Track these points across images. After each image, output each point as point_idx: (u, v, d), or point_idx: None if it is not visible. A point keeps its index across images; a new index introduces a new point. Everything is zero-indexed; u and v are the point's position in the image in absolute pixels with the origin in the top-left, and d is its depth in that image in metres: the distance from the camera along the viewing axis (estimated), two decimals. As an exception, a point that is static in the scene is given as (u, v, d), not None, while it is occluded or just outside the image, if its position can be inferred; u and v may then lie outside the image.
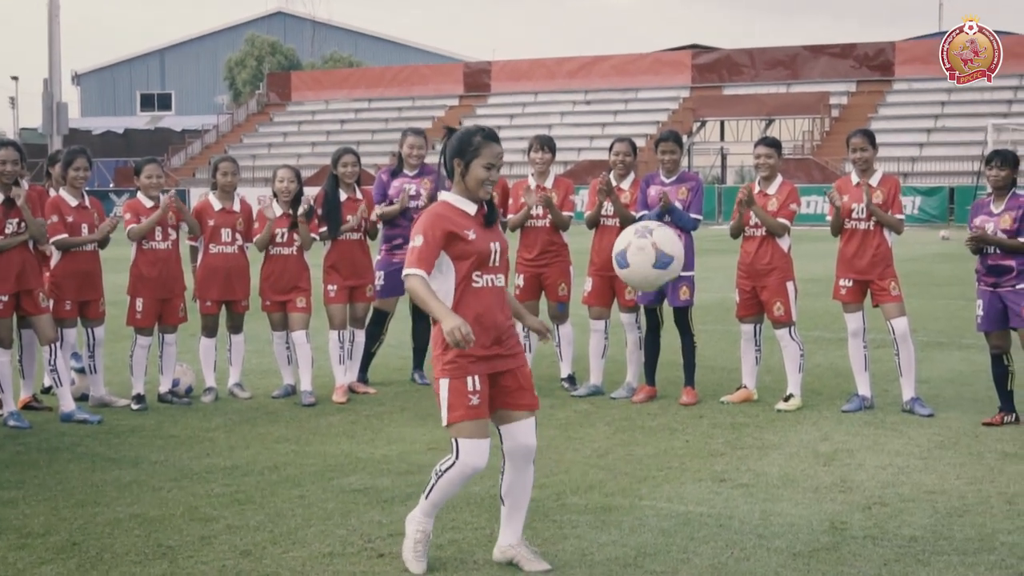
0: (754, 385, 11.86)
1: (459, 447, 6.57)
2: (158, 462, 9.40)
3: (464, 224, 6.63)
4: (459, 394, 6.54)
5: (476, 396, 6.54)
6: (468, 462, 6.57)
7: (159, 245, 11.65)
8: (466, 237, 6.59)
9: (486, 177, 6.67)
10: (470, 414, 6.53)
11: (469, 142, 6.68)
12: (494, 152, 6.69)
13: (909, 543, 7.21)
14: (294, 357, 12.20)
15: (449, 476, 6.64)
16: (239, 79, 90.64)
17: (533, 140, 12.38)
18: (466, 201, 6.72)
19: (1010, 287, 10.37)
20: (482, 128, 6.77)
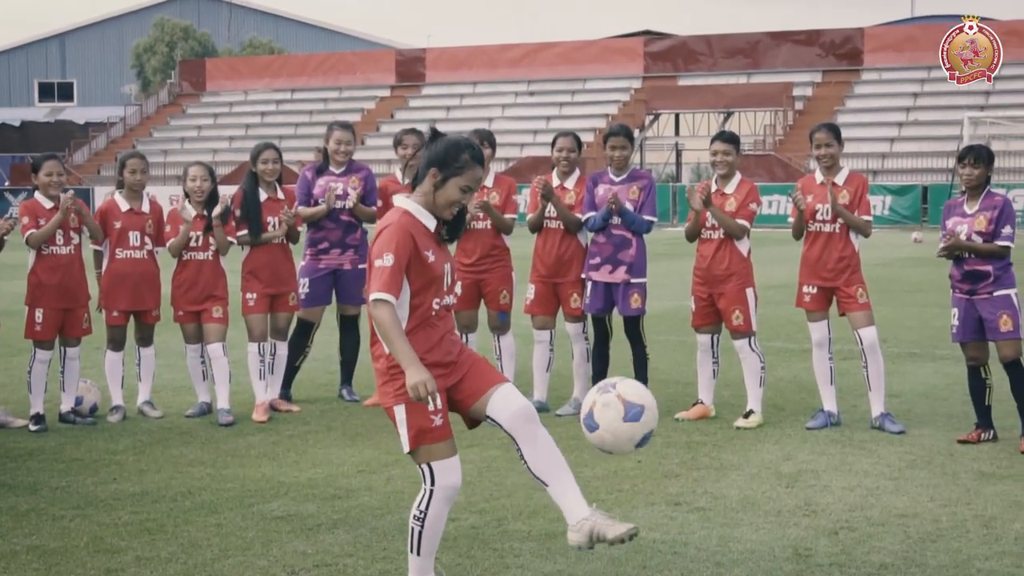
0: (711, 401, 11.93)
1: (432, 471, 6.53)
2: (59, 488, 9.34)
3: (425, 243, 6.57)
4: (420, 417, 6.48)
5: (438, 416, 6.50)
6: (445, 484, 6.53)
7: (60, 250, 11.57)
8: (427, 259, 6.55)
9: (458, 199, 6.62)
10: (435, 436, 6.50)
11: (456, 157, 6.60)
12: (476, 176, 6.64)
13: (879, 571, 7.28)
14: (210, 372, 12.14)
15: (433, 511, 6.55)
16: (148, 67, 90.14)
17: (473, 134, 12.39)
18: (427, 214, 6.65)
19: (987, 294, 10.46)
20: (474, 146, 6.68)
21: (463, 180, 6.58)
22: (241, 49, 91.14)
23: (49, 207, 11.56)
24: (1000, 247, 10.41)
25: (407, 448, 6.54)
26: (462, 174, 6.58)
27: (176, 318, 12.21)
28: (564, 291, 12.06)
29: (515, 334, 12.69)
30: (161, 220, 12.16)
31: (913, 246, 37.37)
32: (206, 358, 12.15)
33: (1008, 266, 10.52)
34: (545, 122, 65.65)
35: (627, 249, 11.72)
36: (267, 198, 12.20)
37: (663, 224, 45.55)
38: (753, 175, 48.15)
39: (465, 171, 6.58)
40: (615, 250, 11.72)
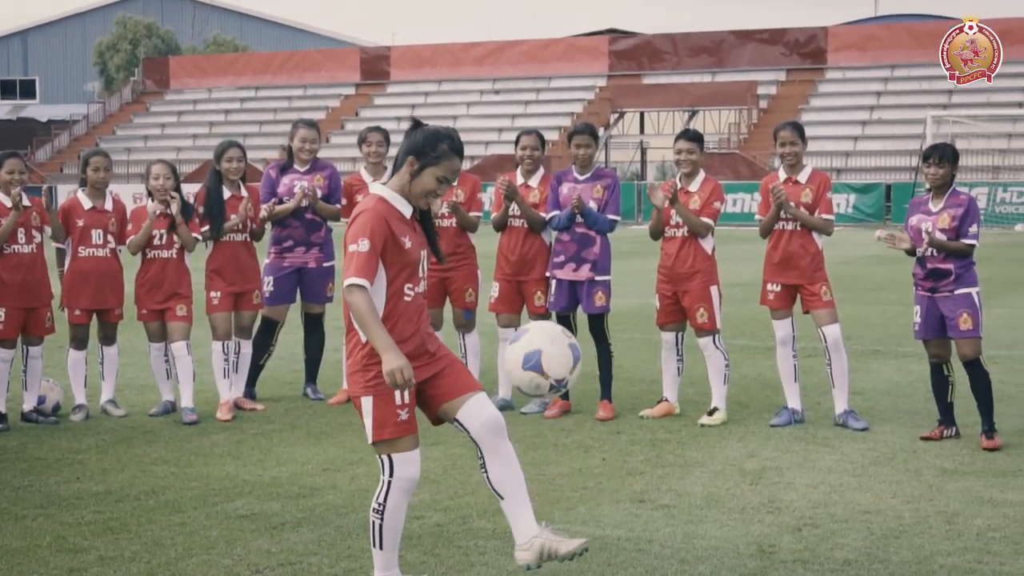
0: (676, 398, 11.95)
1: (391, 462, 6.54)
2: (22, 487, 9.30)
3: (401, 228, 6.58)
4: (387, 410, 6.50)
5: (404, 411, 6.52)
6: (403, 475, 6.55)
7: (22, 248, 11.52)
8: (403, 245, 6.55)
9: (433, 189, 6.63)
10: (400, 430, 6.52)
11: (434, 146, 6.62)
12: (454, 167, 6.66)
13: (842, 567, 7.31)
14: (173, 371, 12.11)
15: (391, 503, 6.56)
16: (111, 64, 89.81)
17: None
18: (403, 201, 6.66)
19: (948, 292, 10.50)
20: (453, 137, 6.70)
21: (439, 170, 6.60)
22: (205, 47, 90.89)
23: (10, 206, 11.48)
24: (966, 245, 10.46)
25: (372, 439, 6.54)
26: (439, 164, 6.60)
27: (140, 316, 12.16)
28: (528, 289, 12.07)
29: (480, 332, 12.69)
30: (124, 218, 12.11)
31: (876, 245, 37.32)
32: (170, 357, 12.10)
33: (970, 265, 10.57)
34: (510, 120, 65.64)
35: (591, 247, 11.73)
36: (231, 196, 12.16)
37: (628, 222, 45.63)
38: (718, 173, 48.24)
39: (442, 161, 6.61)
40: (579, 248, 11.73)
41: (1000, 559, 7.46)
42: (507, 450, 6.64)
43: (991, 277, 22.04)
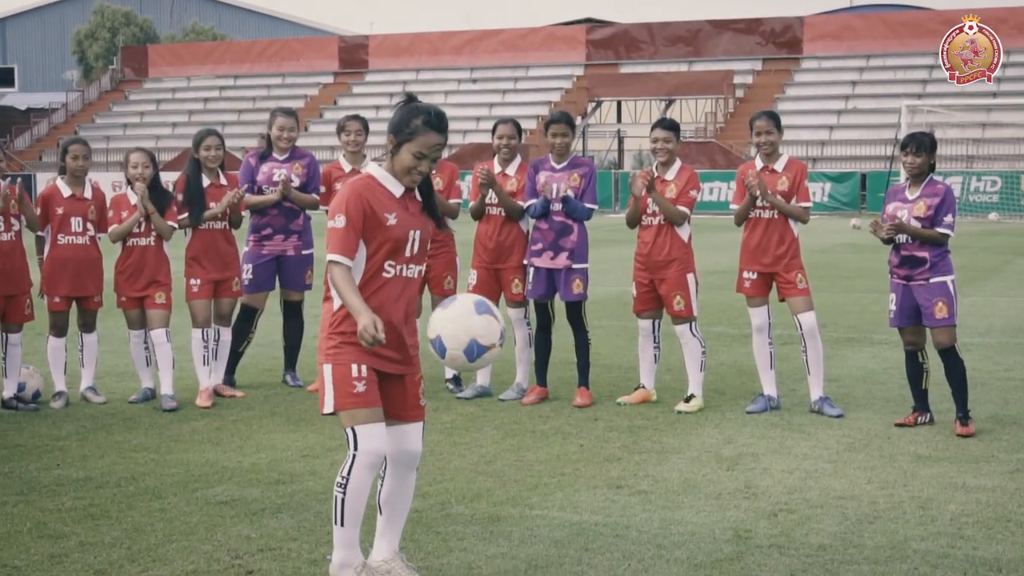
0: (653, 385, 11.97)
1: (355, 435, 6.51)
2: (2, 474, 9.28)
3: (386, 206, 6.57)
4: (343, 381, 6.50)
5: (362, 383, 6.51)
6: (367, 449, 6.49)
7: (1, 236, 11.50)
8: (384, 221, 6.53)
9: (412, 166, 6.57)
10: (356, 401, 6.49)
11: (408, 122, 6.58)
12: (429, 142, 6.56)
13: (817, 552, 7.34)
14: (153, 358, 12.09)
15: (355, 477, 6.50)
16: (90, 53, 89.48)
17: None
18: (393, 180, 6.64)
19: (923, 281, 10.53)
20: (430, 112, 6.62)
21: (414, 146, 6.54)
22: (183, 35, 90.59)
23: (-9, 194, 11.49)
24: (940, 234, 10.48)
25: (330, 407, 6.54)
26: (413, 140, 6.54)
27: (119, 304, 12.14)
28: (506, 277, 12.08)
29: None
30: (103, 206, 12.10)
31: (852, 232, 37.55)
32: (149, 344, 12.09)
33: (945, 254, 10.60)
34: (488, 109, 65.64)
35: (569, 235, 11.74)
36: (210, 184, 12.14)
37: (605, 211, 45.64)
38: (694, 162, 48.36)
39: (416, 136, 6.54)
40: (557, 236, 11.74)
41: (973, 544, 7.50)
42: (411, 478, 6.83)
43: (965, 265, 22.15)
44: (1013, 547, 7.45)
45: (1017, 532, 7.75)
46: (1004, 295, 20.91)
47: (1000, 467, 9.37)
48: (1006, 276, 24.53)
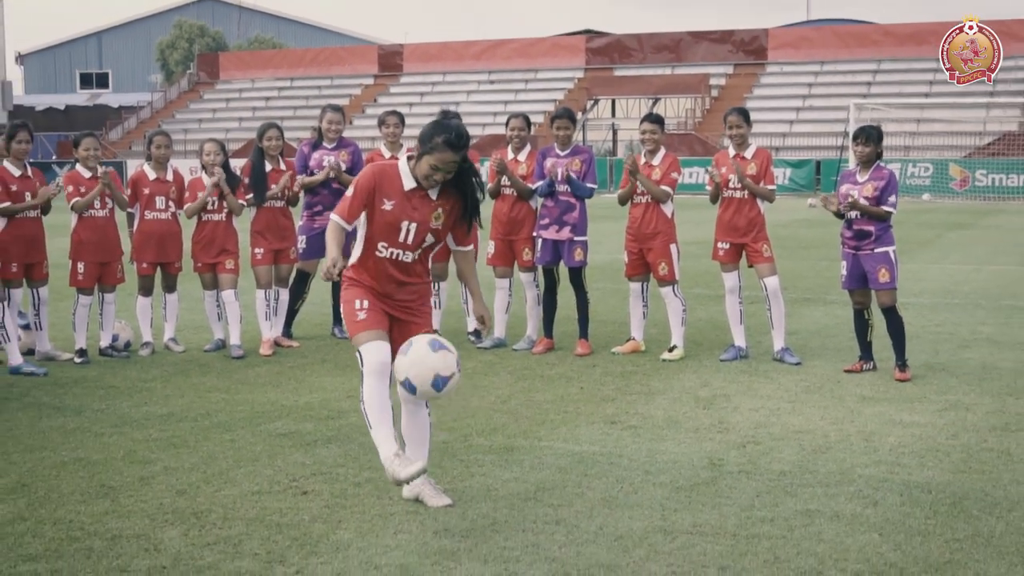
0: (642, 337, 11.96)
1: (360, 354, 6.55)
2: (100, 410, 9.31)
3: (390, 192, 6.56)
4: (349, 315, 6.64)
5: (362, 312, 6.58)
6: (370, 359, 6.49)
7: (98, 213, 11.55)
8: (381, 204, 6.53)
9: (428, 174, 6.55)
10: (359, 327, 6.57)
11: (431, 138, 6.54)
12: (444, 159, 6.51)
13: (779, 477, 7.33)
14: (224, 314, 12.10)
15: (367, 388, 6.48)
16: (171, 60, 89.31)
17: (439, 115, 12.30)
18: (409, 175, 6.62)
19: (869, 251, 10.50)
20: (451, 132, 6.53)
21: (432, 159, 6.52)
22: (249, 44, 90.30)
23: (88, 176, 11.53)
24: (885, 211, 10.44)
25: (350, 334, 6.64)
26: (432, 154, 6.52)
27: (196, 269, 12.16)
28: (518, 247, 12.06)
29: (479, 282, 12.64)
30: (183, 187, 12.12)
31: (808, 210, 37.44)
32: (221, 303, 12.10)
33: (888, 228, 10.56)
34: (503, 106, 65.32)
35: (571, 212, 11.71)
36: (271, 169, 12.15)
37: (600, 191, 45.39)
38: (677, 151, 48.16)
39: (435, 152, 6.52)
40: (561, 213, 11.71)
41: (908, 470, 7.48)
42: (421, 411, 6.76)
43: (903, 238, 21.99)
44: (942, 472, 7.44)
45: (945, 460, 7.73)
46: (935, 263, 20.85)
47: (931, 406, 9.35)
48: (937, 247, 24.46)
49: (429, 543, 6.08)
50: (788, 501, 6.82)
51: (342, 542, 6.10)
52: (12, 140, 11.29)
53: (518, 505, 6.73)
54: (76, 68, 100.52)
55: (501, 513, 6.57)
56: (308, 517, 6.52)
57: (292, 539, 6.14)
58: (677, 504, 6.75)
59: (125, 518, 6.51)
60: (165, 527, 6.35)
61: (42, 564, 5.78)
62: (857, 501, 6.82)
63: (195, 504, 6.76)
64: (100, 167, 11.60)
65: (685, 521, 6.43)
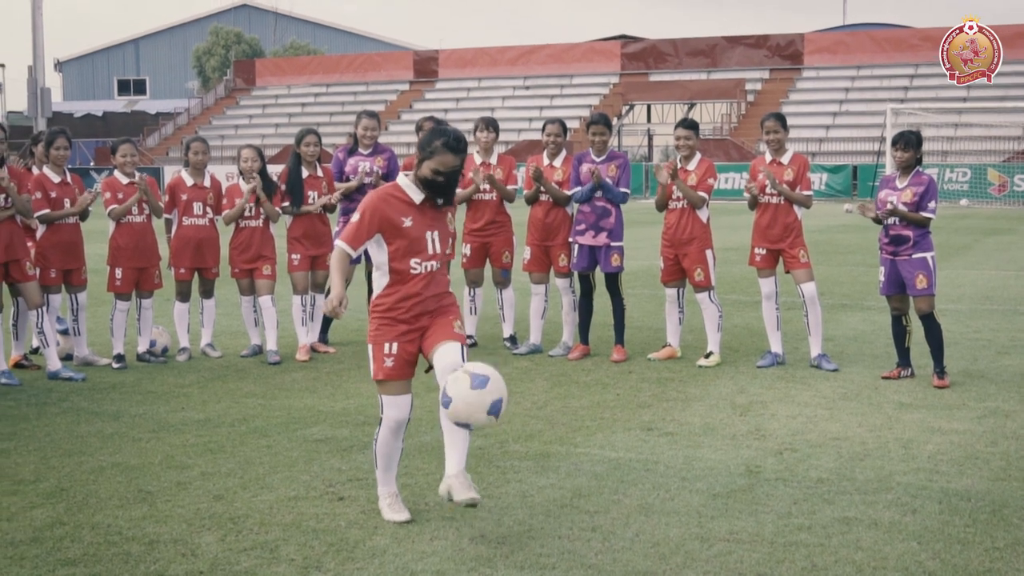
0: (678, 343, 11.93)
1: (381, 402, 6.60)
2: (137, 415, 9.35)
3: (403, 211, 6.49)
4: (378, 356, 6.55)
5: (390, 359, 6.51)
6: (390, 415, 6.56)
7: (135, 219, 11.61)
8: (400, 224, 6.46)
9: (430, 179, 6.47)
10: (386, 373, 6.53)
11: (430, 142, 6.47)
12: (446, 162, 6.44)
13: (816, 484, 7.29)
14: (260, 320, 12.15)
15: (381, 437, 6.61)
16: (207, 66, 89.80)
17: (479, 121, 12.36)
18: (415, 188, 6.55)
19: (907, 256, 10.44)
20: (449, 135, 6.48)
21: (433, 163, 6.44)
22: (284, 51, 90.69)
23: (125, 183, 11.60)
24: (924, 217, 10.39)
25: (373, 376, 6.61)
26: (432, 158, 6.44)
27: (233, 274, 12.21)
28: (554, 252, 12.06)
29: (514, 288, 12.70)
30: (220, 193, 12.17)
31: (845, 215, 37.28)
32: (257, 308, 12.15)
33: (927, 234, 10.50)
34: (538, 111, 65.46)
35: (608, 218, 11.70)
36: (308, 175, 12.18)
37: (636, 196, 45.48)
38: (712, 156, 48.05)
39: (435, 156, 6.44)
40: (597, 218, 11.70)
41: (947, 478, 7.43)
42: None
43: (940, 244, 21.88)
44: (981, 480, 7.38)
45: (984, 468, 7.67)
46: (973, 269, 20.70)
47: (970, 413, 9.28)
48: (975, 253, 24.29)
49: (465, 549, 6.08)
50: (826, 509, 6.78)
51: (378, 548, 6.10)
52: (51, 146, 11.38)
53: (554, 512, 6.72)
54: (114, 75, 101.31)
55: (537, 520, 6.57)
56: (344, 523, 6.53)
57: (328, 545, 6.15)
58: (714, 511, 6.72)
59: (162, 523, 6.53)
60: (202, 532, 6.37)
61: (80, 568, 5.82)
62: (895, 509, 6.78)
63: (232, 509, 6.78)
64: (137, 174, 11.67)
65: (722, 528, 6.41)
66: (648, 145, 66.06)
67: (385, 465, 6.68)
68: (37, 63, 47.87)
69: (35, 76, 47.87)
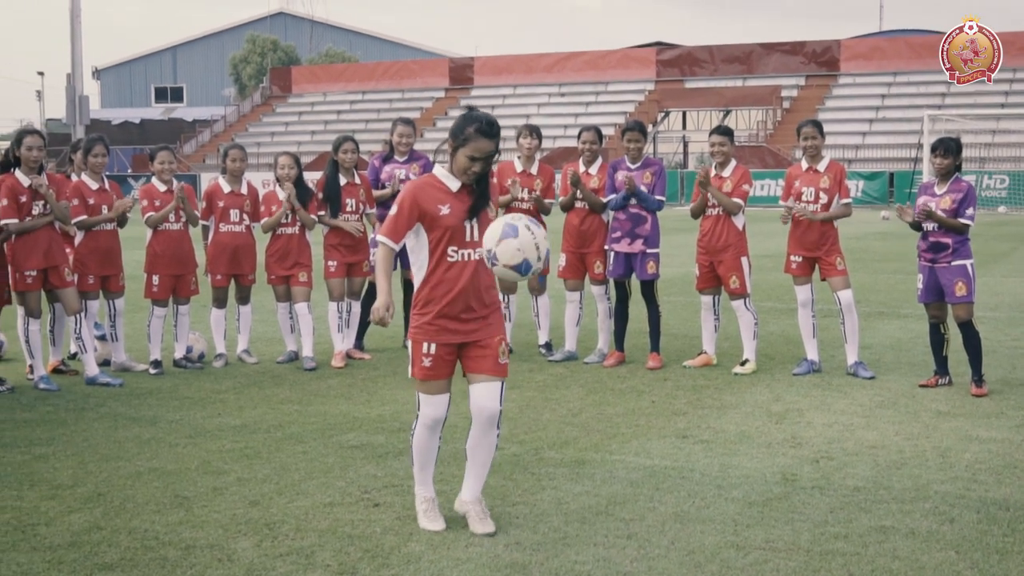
0: (713, 351, 11.90)
1: (418, 400, 6.59)
2: (174, 421, 9.41)
3: (440, 199, 6.47)
4: (417, 356, 6.53)
5: (428, 359, 6.48)
6: (426, 412, 6.55)
7: (172, 227, 11.67)
8: (438, 212, 6.43)
9: (467, 167, 6.44)
10: (423, 373, 6.51)
11: (463, 129, 6.42)
12: (481, 147, 6.40)
13: (853, 493, 7.26)
14: (296, 326, 12.20)
15: (418, 434, 6.61)
16: (244, 74, 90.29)
17: (522, 127, 12.31)
18: (451, 177, 6.53)
19: (946, 263, 10.38)
20: (482, 120, 6.43)
21: (468, 150, 6.41)
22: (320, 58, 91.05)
23: (163, 190, 11.66)
24: (962, 224, 10.33)
25: (410, 374, 6.59)
26: (467, 145, 6.41)
27: (269, 281, 12.27)
28: (590, 260, 12.05)
29: (549, 295, 12.69)
30: (257, 200, 12.22)
31: (881, 223, 37.12)
32: (294, 315, 12.19)
33: (966, 241, 10.44)
34: (574, 118, 65.45)
35: (643, 225, 11.70)
36: (346, 183, 12.20)
37: (672, 204, 45.39)
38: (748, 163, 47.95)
39: (469, 142, 6.40)
40: (633, 226, 11.69)
41: (985, 487, 7.38)
42: (490, 434, 6.55)
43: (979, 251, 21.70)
44: (1020, 490, 7.33)
45: (1022, 476, 7.61)
46: (1012, 276, 20.57)
47: (1008, 422, 9.22)
48: (1013, 261, 24.13)
49: (500, 556, 6.08)
50: (862, 517, 6.74)
51: (413, 554, 6.11)
52: (89, 154, 11.47)
53: (589, 519, 6.71)
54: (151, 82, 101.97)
55: (572, 527, 6.56)
56: (380, 529, 6.55)
57: (364, 551, 6.17)
58: (750, 519, 6.70)
59: (199, 528, 6.57)
60: (238, 537, 6.40)
61: (117, 573, 5.85)
62: (933, 518, 6.74)
63: (268, 515, 6.81)
64: (175, 182, 11.74)
65: (758, 536, 6.39)
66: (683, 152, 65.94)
67: (422, 464, 6.67)
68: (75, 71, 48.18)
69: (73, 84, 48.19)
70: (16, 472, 7.81)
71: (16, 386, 10.82)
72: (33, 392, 10.65)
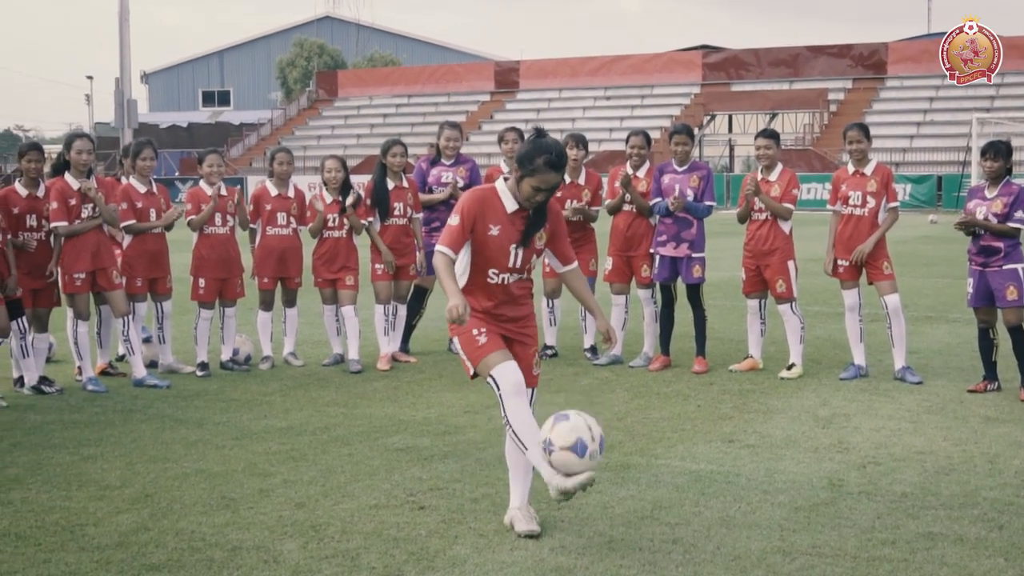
0: (759, 355, 11.85)
1: (494, 378, 6.37)
2: (221, 423, 9.46)
3: (494, 217, 6.44)
4: (469, 343, 6.43)
5: (483, 335, 6.42)
6: (507, 381, 6.32)
7: (219, 230, 11.75)
8: (488, 229, 6.42)
9: (531, 196, 6.40)
10: (481, 351, 6.40)
11: (532, 159, 6.35)
12: (547, 180, 6.35)
13: (900, 499, 7.20)
14: (343, 329, 12.23)
15: (510, 409, 6.33)
16: (290, 78, 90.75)
17: (568, 138, 12.21)
18: (511, 197, 6.49)
19: (997, 267, 10.30)
20: (551, 152, 6.35)
21: (534, 180, 6.36)
22: (367, 62, 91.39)
23: (209, 193, 11.72)
24: (1012, 228, 10.24)
25: (471, 373, 6.48)
26: (534, 176, 6.35)
27: (316, 284, 12.31)
28: (636, 263, 12.04)
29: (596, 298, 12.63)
30: (303, 203, 12.29)
31: (929, 226, 36.86)
32: (340, 317, 12.23)
33: (1017, 245, 10.34)
34: (619, 122, 65.38)
35: (689, 229, 11.67)
36: (394, 187, 12.21)
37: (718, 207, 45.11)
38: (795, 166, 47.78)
39: (537, 174, 6.34)
40: (679, 230, 11.67)
41: (1036, 494, 7.32)
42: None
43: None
44: (1071, 497, 7.26)
45: (1075, 484, 7.54)
46: (1062, 280, 20.33)
47: (1060, 428, 9.13)
48: (1064, 264, 23.84)
49: (545, 560, 6.07)
50: (910, 523, 6.69)
51: (458, 558, 6.12)
52: (137, 157, 11.56)
53: (634, 523, 6.69)
54: (198, 86, 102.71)
55: (617, 531, 6.55)
56: (425, 532, 6.55)
57: (409, 554, 6.17)
58: (796, 525, 6.66)
59: (245, 530, 6.60)
60: (284, 539, 6.42)
61: (164, 574, 5.88)
62: (981, 524, 6.67)
63: (314, 517, 6.83)
64: (220, 184, 11.79)
65: (804, 542, 6.35)
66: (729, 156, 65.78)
67: (530, 440, 6.27)
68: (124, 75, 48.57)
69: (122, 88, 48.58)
70: (65, 473, 7.88)
71: (65, 388, 10.93)
72: (82, 394, 10.74)
